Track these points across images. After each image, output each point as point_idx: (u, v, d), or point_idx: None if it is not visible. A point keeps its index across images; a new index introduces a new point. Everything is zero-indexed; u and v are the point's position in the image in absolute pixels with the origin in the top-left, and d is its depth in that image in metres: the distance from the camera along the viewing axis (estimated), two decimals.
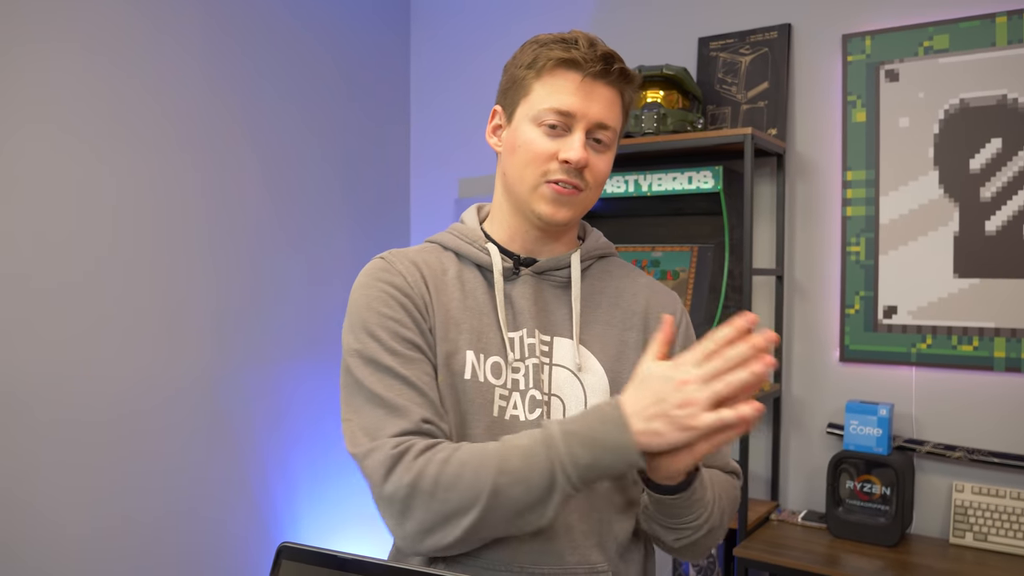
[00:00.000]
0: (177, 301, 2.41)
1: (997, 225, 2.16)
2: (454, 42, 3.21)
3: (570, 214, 1.11)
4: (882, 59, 2.30)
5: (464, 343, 1.08)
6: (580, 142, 1.07)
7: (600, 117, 1.09)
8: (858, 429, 2.18)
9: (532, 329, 1.11)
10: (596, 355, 1.12)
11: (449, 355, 1.07)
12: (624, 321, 1.16)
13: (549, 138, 1.08)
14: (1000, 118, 2.15)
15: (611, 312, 1.16)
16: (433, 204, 3.27)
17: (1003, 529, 2.07)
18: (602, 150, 1.11)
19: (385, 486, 0.96)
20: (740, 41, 2.54)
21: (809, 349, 2.44)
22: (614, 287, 1.19)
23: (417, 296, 1.08)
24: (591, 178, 1.11)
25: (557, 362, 1.11)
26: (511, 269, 1.14)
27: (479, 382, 1.07)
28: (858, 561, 2.02)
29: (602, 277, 1.20)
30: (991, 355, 2.16)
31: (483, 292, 1.13)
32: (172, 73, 2.39)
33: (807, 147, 2.45)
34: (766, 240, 2.52)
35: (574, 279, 1.15)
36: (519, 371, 1.09)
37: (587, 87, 1.08)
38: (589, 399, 1.09)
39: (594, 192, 1.13)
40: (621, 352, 1.14)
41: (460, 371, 1.06)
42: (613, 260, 1.24)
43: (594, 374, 1.11)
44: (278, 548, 0.70)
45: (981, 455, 2.14)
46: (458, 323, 1.09)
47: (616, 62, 1.09)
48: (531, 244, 1.17)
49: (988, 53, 2.16)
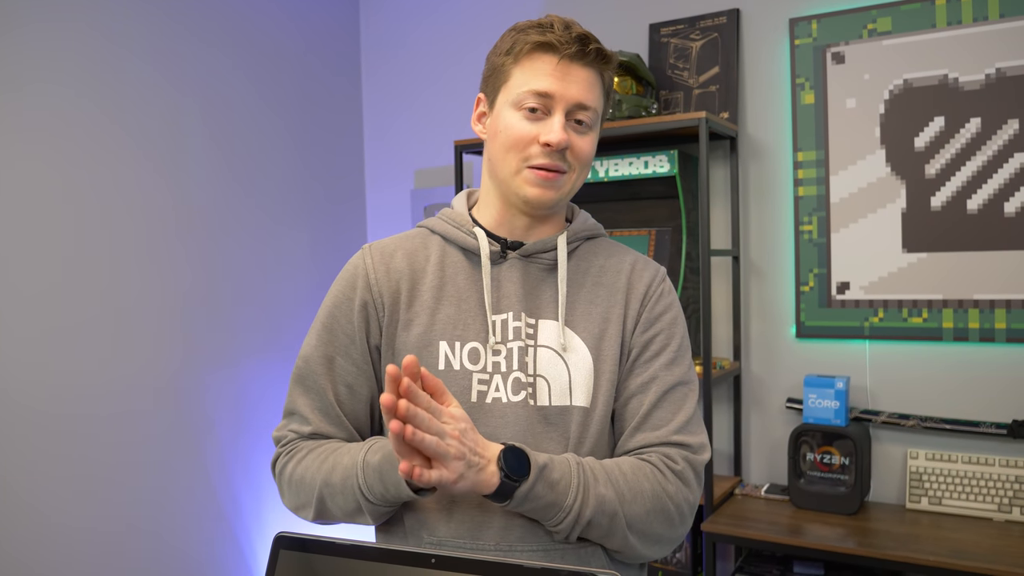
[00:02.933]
0: (132, 299, 2.36)
1: (942, 200, 2.23)
2: (406, 33, 3.19)
3: (555, 196, 1.12)
4: (828, 42, 2.36)
5: (437, 334, 1.11)
6: (560, 124, 1.08)
7: (579, 98, 1.09)
8: (816, 403, 2.24)
9: (519, 312, 1.12)
10: (580, 334, 1.13)
11: (421, 348, 1.11)
12: (607, 299, 1.16)
13: (529, 122, 1.09)
14: (942, 97, 2.22)
15: (595, 291, 1.17)
16: (389, 196, 3.26)
17: (956, 492, 2.16)
18: (584, 131, 1.12)
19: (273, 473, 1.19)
20: (690, 27, 2.57)
21: (766, 327, 2.50)
22: (598, 266, 1.19)
23: (387, 298, 1.14)
24: (574, 159, 1.11)
25: (542, 343, 1.12)
26: (498, 253, 1.16)
27: (454, 371, 1.10)
28: (820, 530, 2.08)
29: (587, 257, 1.20)
30: (940, 326, 2.24)
31: (465, 277, 1.15)
32: (125, 70, 2.34)
33: (758, 129, 2.50)
34: (722, 222, 2.57)
35: (560, 261, 1.15)
36: (500, 354, 1.11)
37: (564, 69, 1.08)
38: (573, 378, 1.11)
39: (579, 173, 1.14)
40: (604, 329, 1.14)
41: (434, 364, 1.10)
42: (601, 241, 1.24)
43: (577, 353, 1.12)
44: (275, 538, 0.70)
45: (933, 423, 2.22)
46: (432, 314, 1.12)
47: (592, 43, 1.09)
48: (518, 228, 1.17)
49: (929, 35, 2.23)
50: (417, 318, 1.12)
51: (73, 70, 2.21)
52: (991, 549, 1.90)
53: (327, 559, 0.70)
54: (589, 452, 1.10)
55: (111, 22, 2.31)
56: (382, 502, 1.04)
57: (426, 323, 1.12)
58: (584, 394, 1.11)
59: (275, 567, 0.71)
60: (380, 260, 1.16)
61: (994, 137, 2.16)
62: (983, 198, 2.18)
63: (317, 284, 2.98)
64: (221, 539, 2.61)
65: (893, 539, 2.00)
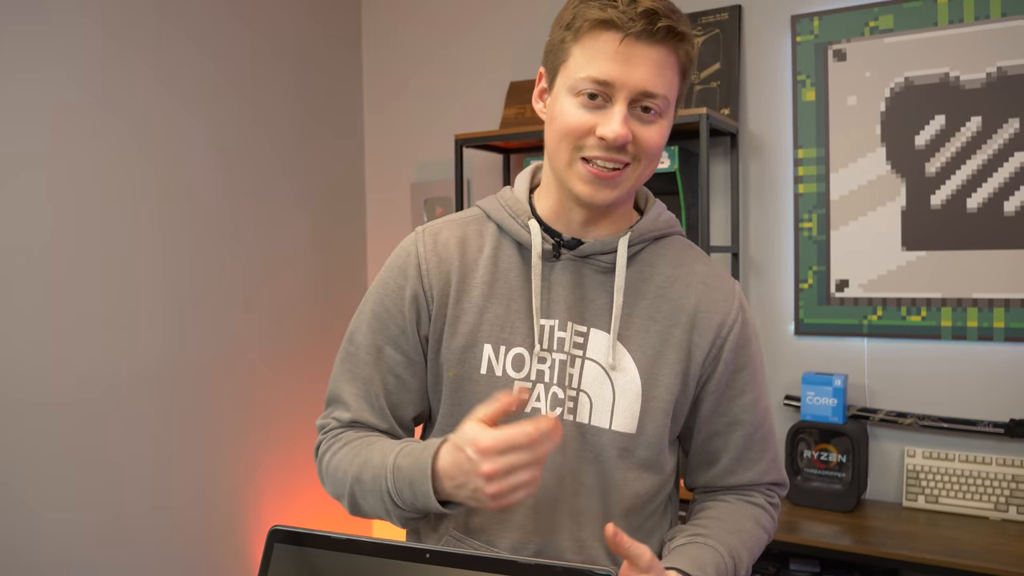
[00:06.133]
0: (131, 295, 2.37)
1: (942, 199, 2.23)
2: (407, 26, 3.19)
3: (612, 195, 1.00)
4: (830, 39, 2.36)
5: (484, 335, 1.04)
6: (621, 115, 0.95)
7: (644, 85, 0.95)
8: (814, 400, 2.24)
9: (565, 321, 1.04)
10: (633, 353, 1.03)
11: (465, 349, 1.04)
12: (670, 316, 1.04)
13: (587, 110, 0.96)
14: (943, 95, 2.22)
15: (656, 305, 1.05)
16: (389, 189, 3.26)
17: (953, 491, 2.16)
18: (651, 120, 0.98)
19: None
20: (692, 22, 2.57)
21: (765, 323, 2.51)
22: (665, 275, 1.06)
23: (438, 290, 1.06)
24: (639, 151, 0.98)
25: (590, 356, 1.03)
26: (551, 251, 1.05)
27: (495, 376, 1.03)
28: (817, 527, 2.09)
29: (654, 262, 1.07)
30: (938, 324, 2.24)
31: (517, 274, 1.06)
32: (120, 66, 2.34)
33: (759, 126, 2.50)
34: (722, 218, 2.57)
35: (619, 267, 1.03)
36: (545, 362, 1.03)
37: (628, 50, 0.94)
38: (618, 400, 1.02)
39: (645, 166, 1.01)
40: (660, 352, 1.03)
41: (476, 365, 1.04)
42: (673, 241, 1.11)
43: (626, 374, 1.02)
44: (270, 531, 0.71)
45: (931, 421, 2.22)
46: (480, 313, 1.05)
47: (661, 18, 0.95)
48: (575, 222, 1.06)
49: (930, 32, 2.23)
50: (464, 315, 1.05)
51: (74, 69, 2.21)
52: (987, 548, 1.91)
53: (322, 553, 0.71)
54: (637, 480, 1.04)
55: (108, 17, 2.31)
56: (411, 509, 0.98)
57: (473, 322, 1.04)
58: (627, 419, 1.02)
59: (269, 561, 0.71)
60: (432, 249, 1.07)
61: (994, 136, 2.16)
62: (983, 197, 2.18)
63: (317, 277, 2.98)
64: (217, 532, 2.62)
65: (890, 537, 2.00)
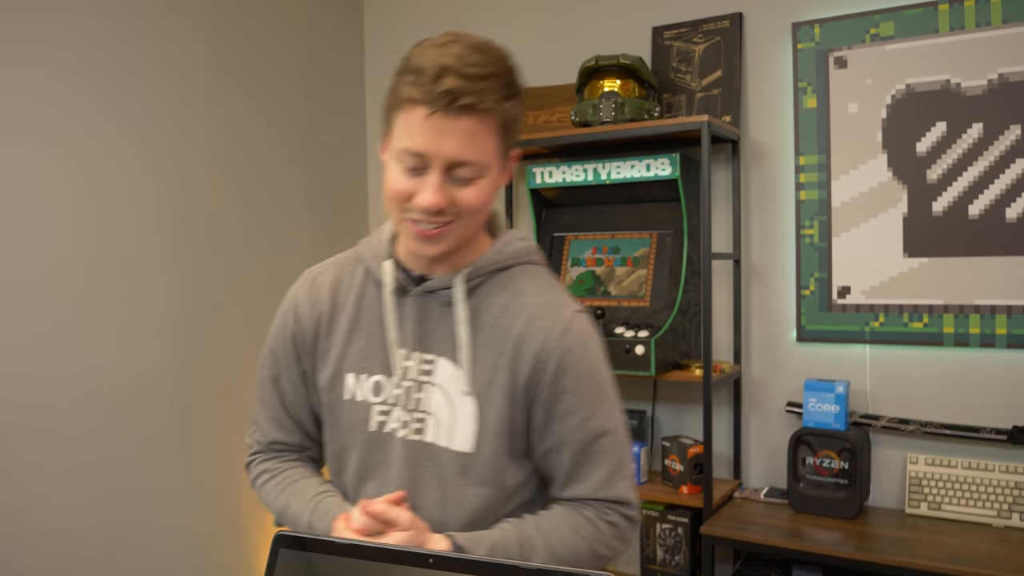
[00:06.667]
0: (135, 301, 2.37)
1: (943, 206, 2.24)
2: (409, 33, 3.20)
3: (439, 249, 1.06)
4: (831, 46, 2.37)
5: (347, 366, 1.16)
6: (434, 185, 1.00)
7: (454, 155, 0.99)
8: (816, 406, 2.24)
9: (412, 350, 1.12)
10: (468, 377, 1.10)
11: (333, 378, 1.16)
12: (500, 344, 1.10)
13: (408, 177, 1.02)
14: (944, 102, 2.23)
15: (490, 334, 1.11)
16: None
17: (955, 497, 2.16)
18: (469, 182, 1.03)
19: None
20: (693, 30, 2.58)
21: (767, 330, 2.51)
22: (500, 306, 1.12)
23: (310, 329, 1.19)
24: (459, 211, 1.04)
25: (436, 382, 1.11)
26: (402, 287, 1.14)
27: (356, 402, 1.14)
28: (819, 534, 2.08)
29: (493, 294, 1.13)
30: (940, 331, 2.24)
31: (378, 310, 1.16)
32: (130, 76, 2.34)
33: (760, 133, 2.51)
34: (723, 225, 2.57)
35: (457, 302, 1.11)
36: (401, 388, 1.12)
37: (437, 123, 0.98)
38: (458, 422, 1.10)
39: (470, 220, 1.06)
40: (492, 377, 1.10)
41: (341, 392, 1.16)
42: (516, 272, 1.16)
43: (464, 398, 1.10)
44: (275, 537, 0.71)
45: (933, 427, 2.22)
46: (345, 346, 1.16)
47: (462, 96, 0.97)
48: (424, 261, 1.13)
49: (931, 40, 2.23)
50: (333, 348, 1.17)
51: (83, 77, 2.22)
52: (990, 555, 1.90)
53: (326, 558, 0.71)
54: (476, 495, 1.10)
55: (114, 19, 2.32)
56: None
57: (339, 354, 1.16)
58: (466, 439, 1.09)
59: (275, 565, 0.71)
60: (308, 292, 1.21)
61: (996, 143, 2.16)
62: (984, 204, 2.18)
63: None
64: (223, 537, 2.61)
65: (892, 544, 2.00)
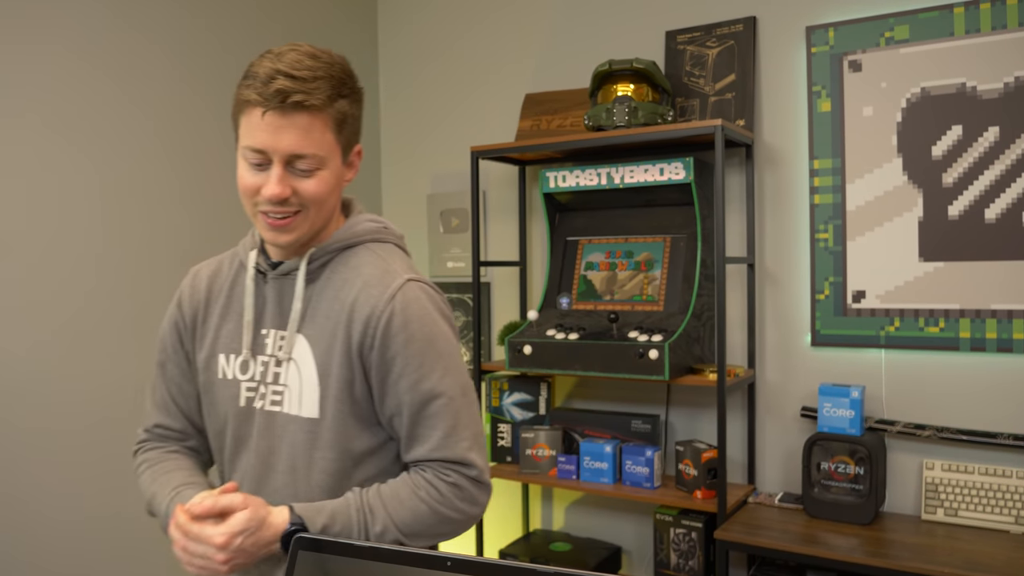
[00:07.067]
0: (141, 302, 2.39)
1: (959, 209, 2.22)
2: (423, 34, 3.21)
3: (291, 237, 1.17)
4: (845, 50, 2.36)
5: (220, 347, 1.27)
6: (276, 177, 1.12)
7: (291, 149, 1.11)
8: (831, 411, 2.23)
9: (271, 328, 1.23)
10: (313, 349, 1.19)
11: (208, 359, 1.27)
12: (339, 314, 1.19)
13: (254, 172, 1.14)
14: (960, 106, 2.21)
15: (331, 305, 1.20)
16: (406, 201, 3.27)
17: (972, 504, 2.14)
18: (309, 174, 1.14)
19: None
20: (706, 34, 2.58)
21: (781, 335, 2.50)
22: (342, 279, 1.22)
23: (189, 316, 1.31)
24: (303, 201, 1.15)
25: (293, 356, 1.20)
26: (263, 273, 1.25)
27: (227, 380, 1.25)
28: (834, 540, 2.07)
29: (338, 269, 1.23)
30: (957, 336, 2.22)
31: (246, 295, 1.26)
32: (144, 68, 2.36)
33: (774, 137, 2.50)
34: (737, 229, 2.56)
35: (298, 280, 1.21)
36: (266, 365, 1.22)
37: (273, 121, 1.10)
38: (304, 390, 1.18)
39: (317, 210, 1.17)
40: (331, 345, 1.18)
41: (216, 372, 1.26)
42: (361, 249, 1.25)
43: (308, 366, 1.19)
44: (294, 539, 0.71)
45: (950, 433, 2.21)
46: (218, 329, 1.27)
47: (292, 95, 1.08)
48: (284, 249, 1.23)
49: (947, 43, 2.22)
50: (208, 333, 1.28)
51: (95, 70, 2.24)
52: (1007, 561, 1.89)
53: (344, 560, 0.71)
54: (323, 459, 1.17)
55: (123, 7, 2.34)
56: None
57: (213, 337, 1.27)
58: (311, 406, 1.18)
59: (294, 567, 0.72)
60: (190, 284, 1.33)
61: (1012, 146, 2.15)
62: (1001, 207, 2.17)
63: None
64: None
65: (908, 550, 1.99)
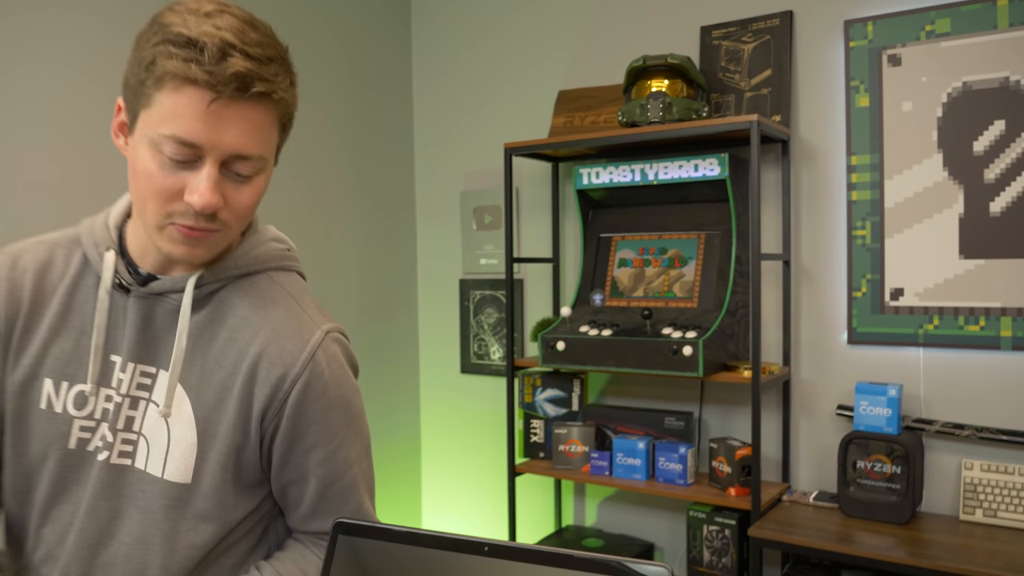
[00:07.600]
0: None
1: (1001, 206, 2.19)
2: (457, 34, 3.23)
3: (207, 254, 0.93)
4: (884, 44, 2.33)
5: (46, 370, 0.96)
6: (209, 182, 0.86)
7: (238, 148, 0.86)
8: (868, 410, 2.21)
9: (127, 361, 0.95)
10: (192, 400, 0.94)
11: (25, 382, 0.96)
12: (235, 364, 0.95)
13: (173, 170, 0.86)
14: (1003, 100, 2.18)
15: (225, 350, 0.96)
16: (439, 198, 3.30)
17: (1012, 505, 2.11)
18: (245, 181, 0.90)
19: None
20: (742, 29, 2.56)
21: (817, 332, 2.48)
22: (240, 318, 0.97)
23: (0, 318, 0.97)
24: (230, 217, 0.91)
25: (155, 399, 0.95)
26: (124, 286, 0.96)
27: (55, 413, 0.95)
28: (870, 539, 2.05)
29: (233, 303, 0.98)
30: (997, 334, 2.19)
31: (94, 307, 0.97)
32: None
33: (811, 133, 2.48)
34: (772, 225, 2.55)
35: (183, 309, 0.94)
36: (111, 401, 0.95)
37: (218, 111, 0.84)
38: (172, 449, 0.93)
39: (238, 225, 0.93)
40: (221, 401, 0.95)
41: (36, 399, 0.96)
42: (262, 279, 1.01)
43: (184, 422, 0.94)
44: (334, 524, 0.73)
45: (989, 433, 2.17)
46: (46, 346, 0.97)
47: (255, 83, 0.84)
48: (163, 262, 0.97)
49: (990, 36, 2.19)
50: (29, 347, 0.96)
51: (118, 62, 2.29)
52: None
53: (383, 544, 0.73)
54: (191, 531, 0.94)
55: None
56: None
57: (36, 355, 0.96)
58: (182, 470, 0.93)
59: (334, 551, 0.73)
60: (7, 275, 0.98)
61: None
62: None
63: (367, 287, 3.02)
64: None
65: (945, 550, 1.96)
